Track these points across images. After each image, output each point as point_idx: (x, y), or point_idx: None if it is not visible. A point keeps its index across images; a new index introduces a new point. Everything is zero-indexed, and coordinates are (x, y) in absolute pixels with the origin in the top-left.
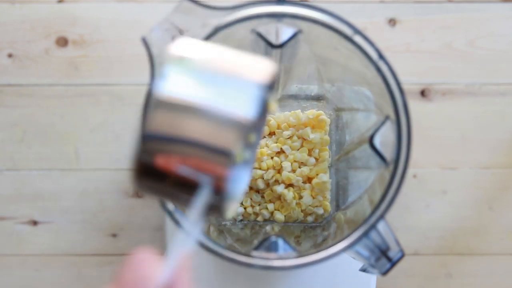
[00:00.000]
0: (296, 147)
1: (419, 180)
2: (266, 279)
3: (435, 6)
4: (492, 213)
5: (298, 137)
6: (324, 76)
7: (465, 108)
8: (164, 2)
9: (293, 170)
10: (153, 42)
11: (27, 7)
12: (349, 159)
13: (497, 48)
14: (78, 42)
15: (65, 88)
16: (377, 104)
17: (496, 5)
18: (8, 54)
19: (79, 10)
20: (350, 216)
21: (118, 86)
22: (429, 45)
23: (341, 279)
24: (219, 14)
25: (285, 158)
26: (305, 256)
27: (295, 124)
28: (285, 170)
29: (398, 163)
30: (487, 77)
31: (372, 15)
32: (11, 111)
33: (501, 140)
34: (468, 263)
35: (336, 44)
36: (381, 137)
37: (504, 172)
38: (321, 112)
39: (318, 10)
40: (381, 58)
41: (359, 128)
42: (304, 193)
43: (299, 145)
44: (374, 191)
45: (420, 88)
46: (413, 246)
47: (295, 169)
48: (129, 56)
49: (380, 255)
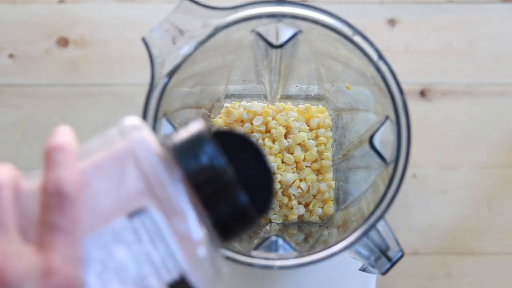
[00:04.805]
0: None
1: (419, 180)
2: (266, 279)
3: (434, 6)
4: (492, 213)
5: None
6: (324, 76)
7: (465, 108)
8: (165, 2)
9: (297, 162)
10: (153, 43)
11: (28, 8)
12: (349, 159)
13: (497, 48)
14: (78, 43)
15: (65, 88)
16: (377, 104)
17: (496, 5)
18: (9, 55)
19: (79, 10)
20: (350, 216)
21: (119, 86)
22: (428, 45)
23: (341, 279)
24: (219, 14)
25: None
26: (305, 256)
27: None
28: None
29: (397, 163)
30: (487, 77)
31: (372, 16)
32: (11, 111)
33: (501, 140)
34: (468, 263)
35: (336, 44)
36: (381, 137)
37: (504, 172)
38: (324, 108)
39: (318, 11)
40: (380, 58)
41: (359, 128)
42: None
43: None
44: (374, 190)
45: (419, 88)
46: (413, 246)
47: (301, 165)
48: (129, 56)
49: (380, 255)
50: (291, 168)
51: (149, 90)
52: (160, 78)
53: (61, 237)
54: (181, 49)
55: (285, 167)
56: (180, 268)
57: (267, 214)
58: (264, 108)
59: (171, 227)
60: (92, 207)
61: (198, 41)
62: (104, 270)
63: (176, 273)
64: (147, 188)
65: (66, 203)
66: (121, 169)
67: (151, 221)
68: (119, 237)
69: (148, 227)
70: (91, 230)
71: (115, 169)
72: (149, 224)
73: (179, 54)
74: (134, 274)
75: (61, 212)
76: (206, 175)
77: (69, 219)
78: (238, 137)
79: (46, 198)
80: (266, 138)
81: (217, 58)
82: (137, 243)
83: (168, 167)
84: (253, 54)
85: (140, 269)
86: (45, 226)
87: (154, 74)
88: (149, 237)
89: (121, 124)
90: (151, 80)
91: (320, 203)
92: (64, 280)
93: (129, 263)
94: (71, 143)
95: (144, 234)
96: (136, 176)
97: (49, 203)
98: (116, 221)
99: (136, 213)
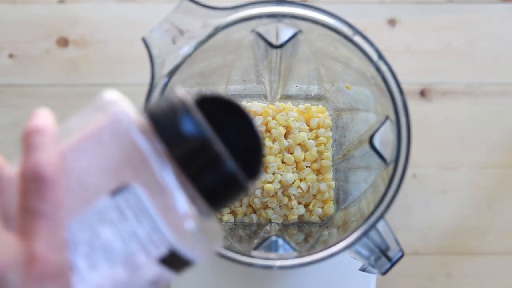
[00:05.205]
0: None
1: (419, 180)
2: (266, 279)
3: (434, 6)
4: (492, 212)
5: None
6: (324, 76)
7: (465, 108)
8: (165, 2)
9: (297, 161)
10: (153, 43)
11: (28, 8)
12: (349, 159)
13: (497, 48)
14: (78, 43)
15: (65, 88)
16: (377, 104)
17: (495, 6)
18: (9, 55)
19: (79, 10)
20: (350, 216)
21: (119, 86)
22: (428, 45)
23: (341, 279)
24: (219, 14)
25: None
26: (305, 256)
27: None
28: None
29: (397, 163)
30: (487, 77)
31: (372, 16)
32: (11, 111)
33: (501, 140)
34: (468, 263)
35: (336, 44)
36: (381, 137)
37: (504, 172)
38: (324, 108)
39: (318, 11)
40: (380, 58)
41: (359, 128)
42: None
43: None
44: (374, 190)
45: (419, 88)
46: (413, 246)
47: (300, 164)
48: (129, 56)
49: (380, 255)
50: (291, 168)
51: (149, 90)
52: (160, 78)
53: (42, 222)
54: (181, 49)
55: (285, 167)
56: (168, 243)
57: (258, 178)
58: (264, 108)
59: (156, 202)
60: (74, 187)
61: (198, 41)
62: (91, 252)
63: (165, 247)
64: (129, 163)
65: (46, 187)
66: (101, 146)
67: (134, 197)
68: (104, 217)
69: (132, 204)
70: (75, 212)
71: (95, 146)
72: (133, 201)
73: (179, 54)
74: (122, 252)
75: (41, 196)
76: (188, 146)
77: (49, 203)
78: (223, 101)
79: (24, 183)
80: (266, 138)
81: (217, 58)
82: (122, 221)
83: (149, 140)
84: (253, 54)
85: (127, 247)
86: (26, 212)
87: (154, 74)
88: (133, 214)
89: (99, 99)
90: (151, 80)
91: (320, 203)
92: (49, 266)
93: (116, 242)
94: (49, 124)
95: (128, 211)
96: (117, 151)
97: (28, 188)
98: (100, 200)
99: (119, 190)
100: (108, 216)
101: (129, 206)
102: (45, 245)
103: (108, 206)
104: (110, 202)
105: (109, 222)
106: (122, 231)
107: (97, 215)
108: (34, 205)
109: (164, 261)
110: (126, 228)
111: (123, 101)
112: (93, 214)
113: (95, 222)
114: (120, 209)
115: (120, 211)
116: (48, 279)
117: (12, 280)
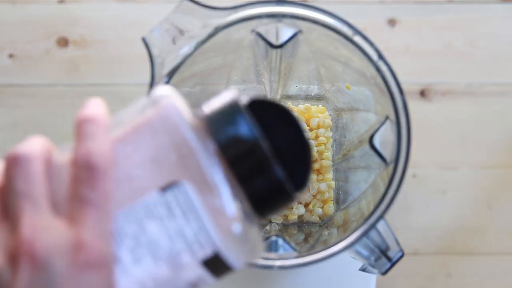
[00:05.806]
0: None
1: (419, 180)
2: (266, 279)
3: (434, 6)
4: (492, 212)
5: None
6: (324, 76)
7: (465, 108)
8: (165, 2)
9: None
10: (153, 43)
11: (28, 8)
12: (349, 159)
13: (497, 48)
14: (78, 43)
15: (65, 88)
16: (377, 104)
17: (495, 6)
18: (9, 55)
19: (79, 10)
20: (350, 216)
21: (119, 86)
22: (428, 45)
23: (341, 279)
24: (219, 14)
25: None
26: (305, 256)
27: None
28: None
29: (397, 163)
30: (487, 77)
31: (371, 16)
32: (11, 111)
33: (501, 140)
34: (468, 263)
35: (336, 44)
36: (381, 137)
37: (504, 172)
38: (324, 108)
39: (318, 11)
40: (380, 58)
41: (359, 128)
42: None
43: None
44: (374, 191)
45: (419, 88)
46: (413, 246)
47: None
48: (129, 56)
49: (380, 255)
50: None
51: (149, 90)
52: (160, 78)
53: (91, 210)
54: (181, 49)
55: None
56: (214, 244)
57: (305, 188)
58: None
59: (205, 201)
60: (122, 180)
61: (198, 41)
62: (136, 246)
63: (210, 249)
64: (180, 160)
65: (97, 176)
66: (152, 140)
67: (184, 195)
68: (152, 212)
69: (181, 201)
70: (123, 204)
71: (146, 140)
72: (182, 198)
73: (179, 54)
74: (167, 249)
75: (91, 185)
76: (240, 148)
77: (99, 192)
78: (274, 106)
79: (76, 171)
80: None
81: (217, 58)
82: (169, 218)
83: (201, 139)
84: (253, 54)
85: (173, 245)
86: (76, 199)
87: (154, 74)
88: (182, 211)
89: (152, 93)
90: (151, 80)
91: (320, 203)
92: (94, 255)
93: (162, 239)
94: (103, 114)
95: (176, 208)
96: (168, 147)
97: (79, 176)
98: (149, 195)
99: (168, 186)
100: (156, 212)
101: (178, 204)
102: (92, 234)
103: (157, 202)
104: (159, 197)
105: (156, 218)
106: (169, 228)
107: (145, 209)
108: (84, 193)
109: (206, 263)
110: (173, 225)
111: (175, 97)
112: (141, 208)
113: (142, 217)
114: (169, 206)
115: (168, 208)
116: (92, 268)
117: (57, 266)
